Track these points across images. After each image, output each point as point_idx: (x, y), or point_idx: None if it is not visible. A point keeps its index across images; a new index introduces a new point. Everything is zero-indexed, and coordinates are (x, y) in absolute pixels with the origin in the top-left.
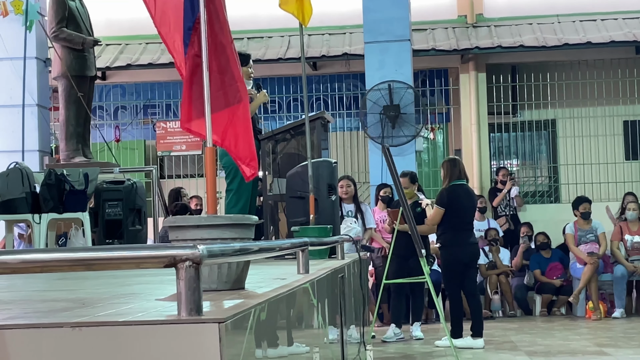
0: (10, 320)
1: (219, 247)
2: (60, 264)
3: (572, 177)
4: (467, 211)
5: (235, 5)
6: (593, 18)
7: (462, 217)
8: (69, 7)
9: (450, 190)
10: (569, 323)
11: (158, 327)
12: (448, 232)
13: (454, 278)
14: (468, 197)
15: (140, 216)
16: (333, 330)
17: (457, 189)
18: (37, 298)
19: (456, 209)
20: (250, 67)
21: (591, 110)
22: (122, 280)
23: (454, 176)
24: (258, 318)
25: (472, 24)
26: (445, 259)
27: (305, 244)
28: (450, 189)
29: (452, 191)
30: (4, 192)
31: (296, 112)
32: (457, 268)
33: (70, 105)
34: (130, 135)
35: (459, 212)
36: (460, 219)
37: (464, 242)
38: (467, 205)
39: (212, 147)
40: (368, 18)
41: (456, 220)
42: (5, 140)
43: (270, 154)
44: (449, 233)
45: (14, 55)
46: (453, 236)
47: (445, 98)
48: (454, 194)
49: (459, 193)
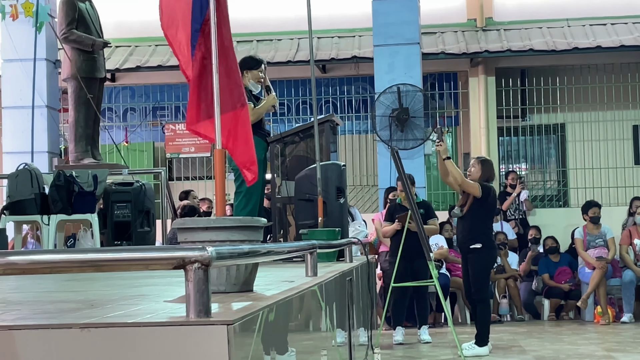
0: (20, 320)
1: (227, 249)
2: (69, 265)
3: (582, 182)
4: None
5: (245, 8)
6: (603, 22)
7: (492, 218)
8: (79, 8)
9: (490, 187)
10: (577, 328)
11: (167, 329)
12: (488, 233)
13: (488, 281)
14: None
15: (148, 218)
16: (341, 333)
17: (493, 189)
18: (46, 299)
19: (492, 208)
20: (262, 71)
21: (600, 115)
22: (130, 282)
23: (491, 178)
24: (266, 320)
25: (481, 28)
26: (487, 261)
27: (313, 246)
28: (490, 186)
29: (491, 188)
30: (13, 193)
31: (305, 114)
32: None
33: (79, 106)
34: (139, 137)
35: (493, 213)
36: (492, 220)
37: (495, 245)
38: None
39: (221, 149)
40: (378, 21)
41: (490, 221)
42: (15, 142)
43: (279, 156)
44: (488, 233)
45: (24, 56)
46: (491, 237)
47: (454, 101)
48: (492, 191)
49: (494, 194)
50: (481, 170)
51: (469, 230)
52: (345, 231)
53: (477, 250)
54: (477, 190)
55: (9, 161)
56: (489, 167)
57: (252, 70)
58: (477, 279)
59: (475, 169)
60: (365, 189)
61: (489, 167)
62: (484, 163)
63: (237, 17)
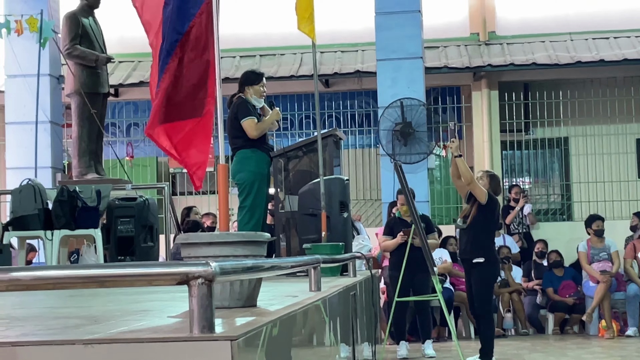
0: (23, 337)
1: (231, 264)
2: (72, 280)
3: (585, 195)
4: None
5: (248, 23)
6: (606, 36)
7: (495, 231)
8: (82, 24)
9: (496, 198)
10: (581, 342)
11: (170, 345)
12: (491, 246)
13: (492, 295)
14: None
15: (152, 233)
16: (345, 348)
17: (498, 201)
18: (50, 315)
19: (496, 220)
20: (263, 85)
21: (604, 128)
22: (134, 297)
23: (497, 192)
24: (270, 335)
25: (484, 42)
26: (490, 276)
27: (317, 261)
28: (496, 198)
29: (497, 200)
30: (16, 208)
31: (308, 129)
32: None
33: (83, 122)
34: (143, 152)
35: (496, 225)
36: (494, 233)
37: (498, 259)
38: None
39: (224, 164)
40: (380, 35)
41: (493, 234)
42: (19, 157)
43: (283, 171)
44: (492, 247)
45: (28, 72)
46: (494, 251)
47: (457, 115)
48: (498, 203)
49: (499, 207)
50: (489, 184)
51: (472, 242)
52: (349, 246)
53: (480, 265)
54: (483, 196)
55: (13, 177)
56: (496, 181)
57: (254, 86)
58: (480, 293)
59: (484, 181)
60: (369, 203)
61: (497, 182)
62: (492, 177)
63: (240, 32)
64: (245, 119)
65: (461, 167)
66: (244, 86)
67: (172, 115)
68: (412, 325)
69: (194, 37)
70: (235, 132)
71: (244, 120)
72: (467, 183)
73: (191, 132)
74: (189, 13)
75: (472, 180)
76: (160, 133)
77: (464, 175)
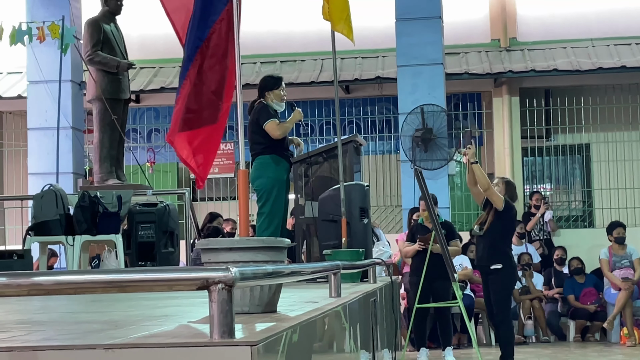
0: (45, 341)
1: (251, 270)
2: (93, 285)
3: (607, 202)
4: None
5: (269, 29)
6: (628, 42)
7: (512, 237)
8: (104, 30)
9: (512, 204)
10: (603, 349)
11: (190, 350)
12: (508, 252)
13: (510, 302)
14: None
15: (172, 239)
16: (365, 355)
17: (514, 207)
18: (71, 320)
19: (512, 227)
20: (283, 89)
21: (625, 135)
22: (154, 303)
23: (513, 199)
24: (290, 341)
25: (505, 48)
26: (508, 282)
27: (337, 267)
28: (512, 204)
29: (514, 206)
30: (38, 214)
31: (329, 135)
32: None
33: (104, 127)
34: (164, 158)
35: (512, 232)
36: (511, 239)
37: (515, 265)
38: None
39: (245, 169)
40: (401, 42)
41: (510, 240)
42: (40, 163)
43: (303, 177)
44: (509, 253)
45: (50, 78)
46: (511, 257)
47: (478, 122)
48: (514, 209)
49: (515, 213)
50: (505, 190)
51: (488, 248)
52: (369, 252)
53: (498, 271)
54: (500, 202)
55: (34, 182)
56: (512, 188)
57: (274, 90)
58: (498, 300)
59: (499, 187)
60: (389, 210)
61: (512, 189)
62: (508, 184)
63: (261, 39)
64: (267, 122)
65: (477, 173)
66: (264, 92)
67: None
68: (433, 332)
69: (214, 44)
70: (256, 138)
71: (266, 124)
72: (483, 190)
73: (207, 138)
74: (210, 19)
75: (489, 186)
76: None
77: (480, 181)
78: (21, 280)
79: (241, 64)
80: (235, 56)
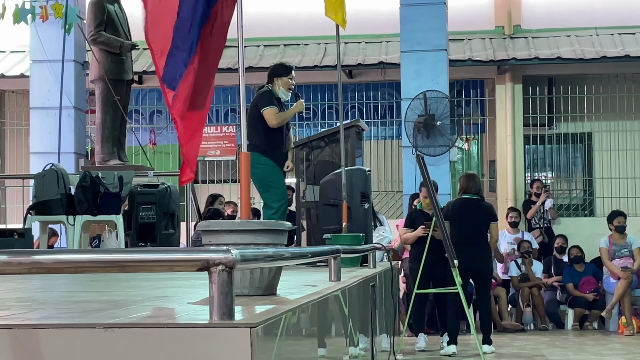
0: (44, 320)
1: (252, 252)
2: (94, 264)
3: (608, 191)
4: (471, 224)
5: (272, 12)
6: (632, 31)
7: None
8: (107, 10)
9: (453, 203)
10: (601, 338)
11: (190, 331)
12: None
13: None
14: (473, 210)
15: (173, 220)
16: (363, 339)
17: (463, 202)
18: (71, 299)
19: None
20: (292, 78)
21: (628, 124)
22: (154, 283)
23: (464, 190)
24: (289, 324)
25: (509, 35)
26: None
27: (337, 251)
28: (454, 201)
29: (455, 203)
30: (39, 193)
31: (331, 119)
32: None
33: (106, 108)
34: (165, 140)
35: (462, 224)
36: (463, 230)
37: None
38: (471, 218)
39: (247, 152)
40: (405, 27)
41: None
42: (42, 142)
43: (305, 161)
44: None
45: (53, 57)
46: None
47: (480, 109)
48: (457, 206)
49: (463, 206)
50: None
51: None
52: (370, 237)
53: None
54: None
55: (36, 161)
56: (469, 180)
57: (282, 78)
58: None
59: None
60: (390, 195)
61: (470, 180)
62: (465, 178)
63: (264, 22)
64: (265, 108)
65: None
66: (272, 78)
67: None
68: (431, 318)
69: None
70: (254, 122)
71: (264, 110)
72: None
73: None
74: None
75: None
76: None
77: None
78: (22, 258)
79: (244, 46)
80: (239, 38)
